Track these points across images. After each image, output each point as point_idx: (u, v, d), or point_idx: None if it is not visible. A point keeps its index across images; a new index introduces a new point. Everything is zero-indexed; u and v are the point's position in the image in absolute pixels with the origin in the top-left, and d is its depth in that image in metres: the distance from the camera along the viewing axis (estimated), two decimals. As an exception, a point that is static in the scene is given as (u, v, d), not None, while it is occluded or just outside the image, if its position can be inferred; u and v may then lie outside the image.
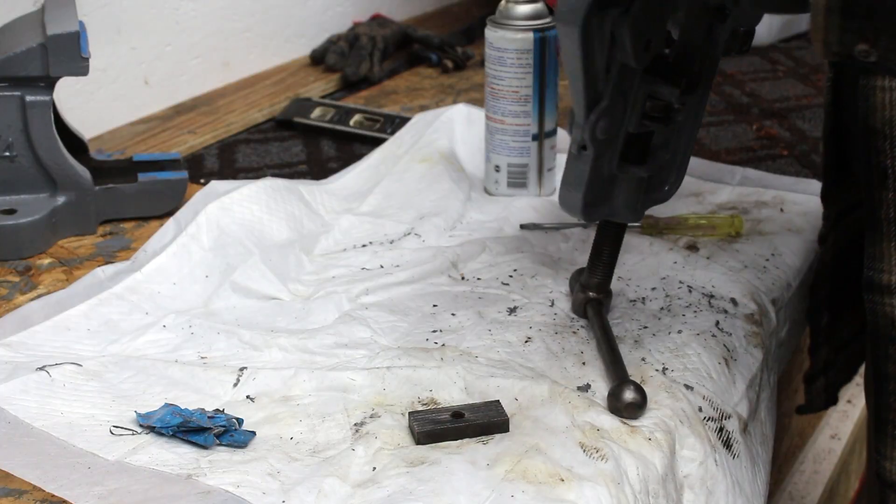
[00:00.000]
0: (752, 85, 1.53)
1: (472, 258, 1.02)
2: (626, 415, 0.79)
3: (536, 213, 1.11)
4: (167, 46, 1.43)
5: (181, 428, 0.76)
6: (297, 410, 0.80)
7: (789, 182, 1.19)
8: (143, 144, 1.32)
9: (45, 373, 0.82)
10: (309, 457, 0.75)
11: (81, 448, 0.76)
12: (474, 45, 1.66)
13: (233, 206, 1.05)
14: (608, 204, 0.85)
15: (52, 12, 1.04)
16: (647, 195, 0.87)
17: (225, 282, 0.97)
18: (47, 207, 1.05)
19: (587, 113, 0.78)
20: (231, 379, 0.84)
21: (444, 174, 1.18)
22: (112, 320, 0.92)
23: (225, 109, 1.43)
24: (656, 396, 0.82)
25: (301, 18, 1.62)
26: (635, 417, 0.80)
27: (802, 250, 1.05)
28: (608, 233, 0.90)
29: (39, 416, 0.79)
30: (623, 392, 0.80)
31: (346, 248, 1.06)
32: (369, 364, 0.85)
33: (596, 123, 0.78)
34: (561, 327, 0.91)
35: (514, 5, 1.10)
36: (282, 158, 1.31)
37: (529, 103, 1.11)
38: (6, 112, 1.03)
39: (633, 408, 0.79)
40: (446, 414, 0.78)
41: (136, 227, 1.10)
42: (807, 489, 1.41)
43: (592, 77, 0.77)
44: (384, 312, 0.93)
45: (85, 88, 1.32)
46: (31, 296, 0.97)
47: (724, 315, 0.93)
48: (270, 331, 0.91)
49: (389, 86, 1.54)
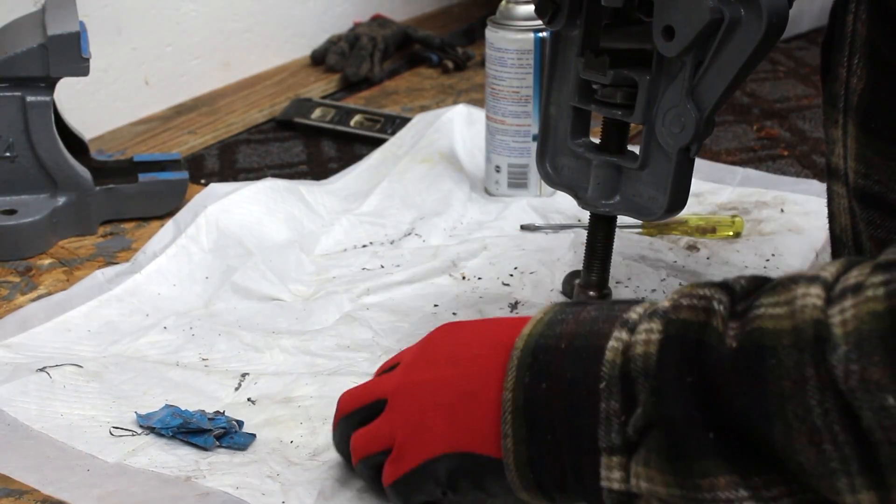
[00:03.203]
0: (753, 85, 1.53)
1: (472, 258, 1.03)
2: None
3: (537, 213, 1.11)
4: (168, 47, 1.43)
5: (181, 429, 0.76)
6: (298, 413, 0.80)
7: (790, 182, 1.19)
8: (144, 145, 1.32)
9: (46, 374, 0.82)
10: (309, 460, 0.75)
11: (81, 450, 0.76)
12: (475, 46, 1.66)
13: (232, 207, 1.05)
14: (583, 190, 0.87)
15: (52, 12, 1.04)
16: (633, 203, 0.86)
17: (225, 283, 0.97)
18: (48, 208, 1.05)
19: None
20: (233, 383, 0.84)
21: (444, 174, 1.18)
22: (112, 322, 0.92)
23: (225, 110, 1.43)
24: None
25: (301, 18, 1.62)
26: None
27: (802, 250, 1.05)
28: (600, 228, 0.90)
29: (39, 417, 0.79)
30: None
31: (346, 248, 1.06)
32: (371, 369, 0.85)
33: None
34: (561, 328, 0.91)
35: (514, 6, 1.10)
36: (282, 159, 1.31)
37: (530, 104, 1.11)
38: (7, 112, 1.03)
39: None
40: None
41: (136, 228, 1.11)
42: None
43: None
44: (385, 313, 0.93)
45: (85, 89, 1.32)
46: (31, 296, 0.97)
47: (725, 316, 0.93)
48: (272, 332, 0.91)
49: (390, 86, 1.54)
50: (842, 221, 0.74)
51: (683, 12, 0.74)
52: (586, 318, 0.59)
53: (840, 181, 0.72)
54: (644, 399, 0.54)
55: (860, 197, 0.70)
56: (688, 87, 0.77)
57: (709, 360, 0.52)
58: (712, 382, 0.51)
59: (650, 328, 0.55)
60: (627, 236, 1.05)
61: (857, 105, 0.69)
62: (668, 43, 0.75)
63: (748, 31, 0.73)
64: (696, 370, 0.52)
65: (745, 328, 0.51)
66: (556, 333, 0.59)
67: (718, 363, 0.51)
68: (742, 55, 0.73)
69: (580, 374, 0.57)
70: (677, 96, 0.77)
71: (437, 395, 0.64)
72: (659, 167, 0.81)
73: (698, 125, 0.77)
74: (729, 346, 0.51)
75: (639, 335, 0.55)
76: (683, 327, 0.53)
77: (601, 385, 0.55)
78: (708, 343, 0.52)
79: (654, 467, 0.53)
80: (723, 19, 0.73)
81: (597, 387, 0.56)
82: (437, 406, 0.63)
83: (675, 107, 0.78)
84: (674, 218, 1.07)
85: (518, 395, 0.59)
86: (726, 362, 0.51)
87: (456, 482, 0.63)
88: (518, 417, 0.59)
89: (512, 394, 0.59)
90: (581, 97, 0.85)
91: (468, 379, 0.63)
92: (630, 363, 0.55)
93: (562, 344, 0.59)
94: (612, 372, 0.55)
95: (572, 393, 0.57)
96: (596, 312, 0.59)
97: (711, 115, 0.77)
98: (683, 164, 0.80)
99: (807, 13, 1.68)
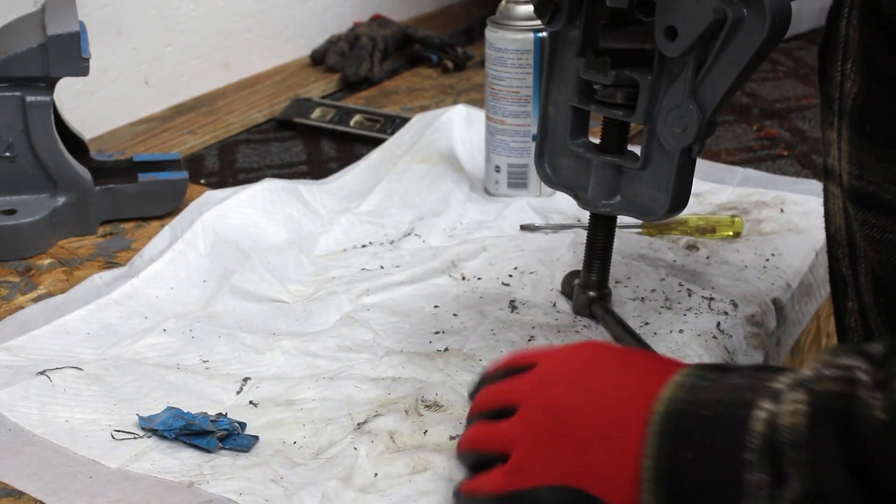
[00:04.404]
0: (753, 85, 1.53)
1: (472, 258, 1.02)
2: None
3: (536, 213, 1.11)
4: (167, 47, 1.43)
5: (184, 431, 0.76)
6: (300, 415, 0.80)
7: (789, 182, 1.19)
8: (144, 145, 1.32)
9: (46, 377, 0.82)
10: (312, 460, 0.75)
11: (83, 455, 0.75)
12: (474, 46, 1.66)
13: (228, 212, 1.05)
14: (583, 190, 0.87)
15: (52, 13, 1.04)
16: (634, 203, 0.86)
17: (224, 286, 0.97)
18: (47, 208, 1.05)
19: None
20: (234, 386, 0.84)
21: (444, 174, 1.18)
22: (112, 324, 0.92)
23: (225, 110, 1.43)
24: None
25: (301, 19, 1.62)
26: None
27: (802, 250, 1.05)
28: (600, 228, 0.90)
29: (40, 422, 0.79)
30: None
31: (346, 248, 1.06)
32: (373, 372, 0.85)
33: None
34: (564, 326, 0.91)
35: (514, 5, 1.10)
36: (282, 159, 1.31)
37: (529, 103, 1.11)
38: (7, 112, 1.03)
39: None
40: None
41: (136, 228, 1.10)
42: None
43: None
44: (385, 314, 0.93)
45: (85, 89, 1.32)
46: (31, 296, 0.97)
47: (725, 316, 0.93)
48: (272, 334, 0.91)
49: (389, 86, 1.54)
50: (836, 221, 0.74)
51: (686, 13, 0.74)
52: (729, 386, 0.59)
53: (835, 182, 0.72)
54: (795, 473, 0.54)
55: (854, 197, 0.70)
56: (690, 88, 0.76)
57: (859, 432, 0.52)
58: (864, 454, 0.52)
59: (796, 398, 0.55)
60: (627, 236, 1.05)
61: (851, 108, 0.69)
62: (671, 43, 0.75)
63: (751, 32, 0.72)
64: (847, 443, 0.53)
65: (891, 398, 0.52)
66: (699, 400, 0.59)
67: (869, 435, 0.52)
68: (745, 55, 0.73)
69: (725, 444, 0.56)
70: (679, 96, 0.77)
71: (571, 424, 0.63)
72: (660, 167, 0.81)
73: (700, 125, 0.77)
74: (878, 417, 0.52)
75: (785, 405, 0.55)
76: (829, 399, 0.54)
77: (747, 456, 0.55)
78: (856, 415, 0.53)
79: None
80: (726, 19, 0.73)
81: (742, 457, 0.55)
82: (569, 436, 0.63)
83: (677, 107, 0.78)
84: (674, 218, 1.07)
85: (660, 464, 0.59)
86: (876, 435, 0.52)
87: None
88: (660, 487, 0.59)
89: (653, 462, 0.59)
90: (581, 97, 0.85)
91: (606, 420, 0.62)
92: (777, 434, 0.54)
93: (705, 412, 0.58)
94: (758, 443, 0.55)
95: (717, 463, 0.56)
96: (739, 380, 0.59)
97: (714, 115, 0.77)
98: (685, 163, 0.80)
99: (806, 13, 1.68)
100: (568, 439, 0.63)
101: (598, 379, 0.65)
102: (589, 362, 0.67)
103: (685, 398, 0.60)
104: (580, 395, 0.64)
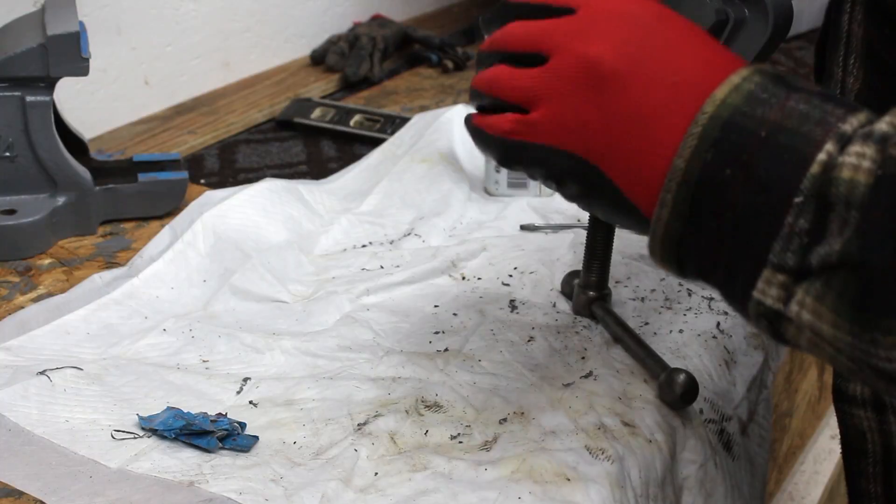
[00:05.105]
0: (753, 85, 1.53)
1: (471, 258, 1.02)
2: (685, 401, 0.80)
3: (536, 213, 1.11)
4: (167, 46, 1.43)
5: (184, 431, 0.76)
6: (300, 415, 0.80)
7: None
8: (143, 145, 1.32)
9: (46, 377, 0.82)
10: (311, 460, 0.75)
11: (83, 455, 0.75)
12: (474, 46, 1.66)
13: (228, 212, 1.05)
14: None
15: (52, 12, 1.04)
16: None
17: (223, 286, 0.97)
18: (47, 208, 1.05)
19: None
20: (234, 387, 0.84)
21: (443, 174, 1.18)
22: (111, 324, 0.92)
23: (225, 110, 1.43)
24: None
25: (301, 18, 1.62)
26: (691, 403, 0.80)
27: (803, 251, 1.05)
28: (600, 228, 0.90)
29: (40, 422, 0.78)
30: (677, 379, 0.80)
31: (345, 248, 1.06)
32: (373, 372, 0.85)
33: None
34: (564, 327, 0.91)
35: (514, 6, 1.10)
36: (282, 159, 1.31)
37: (530, 104, 1.11)
38: (6, 112, 1.03)
39: (691, 394, 0.80)
40: None
41: (136, 228, 1.10)
42: (807, 489, 1.41)
43: None
44: (385, 314, 0.93)
45: (85, 89, 1.32)
46: (31, 296, 0.97)
47: (725, 316, 0.93)
48: (272, 333, 0.91)
49: (389, 86, 1.54)
50: None
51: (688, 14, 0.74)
52: (795, 112, 0.52)
53: None
54: (838, 231, 0.49)
55: None
56: None
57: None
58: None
59: (865, 153, 0.49)
60: (627, 236, 1.05)
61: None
62: None
63: (754, 32, 0.72)
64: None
65: None
66: (758, 116, 0.52)
67: None
68: (747, 56, 0.73)
69: (778, 177, 0.50)
70: None
71: (608, 92, 0.56)
72: None
73: None
74: None
75: (848, 157, 0.49)
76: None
77: (796, 198, 0.50)
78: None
79: (829, 307, 0.49)
80: (728, 20, 0.73)
81: (790, 198, 0.50)
82: (602, 107, 0.56)
83: None
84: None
85: (692, 168, 0.52)
86: None
87: (565, 181, 0.58)
88: (684, 191, 0.53)
89: (685, 163, 0.53)
90: None
91: (649, 102, 0.55)
92: (832, 185, 0.49)
93: (762, 132, 0.51)
94: (810, 186, 0.50)
95: (761, 194, 0.51)
96: (806, 107, 0.52)
97: None
98: None
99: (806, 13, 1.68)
100: (600, 110, 0.56)
101: (652, 51, 0.57)
102: (646, 27, 0.58)
103: (741, 108, 0.53)
104: (626, 62, 0.56)
